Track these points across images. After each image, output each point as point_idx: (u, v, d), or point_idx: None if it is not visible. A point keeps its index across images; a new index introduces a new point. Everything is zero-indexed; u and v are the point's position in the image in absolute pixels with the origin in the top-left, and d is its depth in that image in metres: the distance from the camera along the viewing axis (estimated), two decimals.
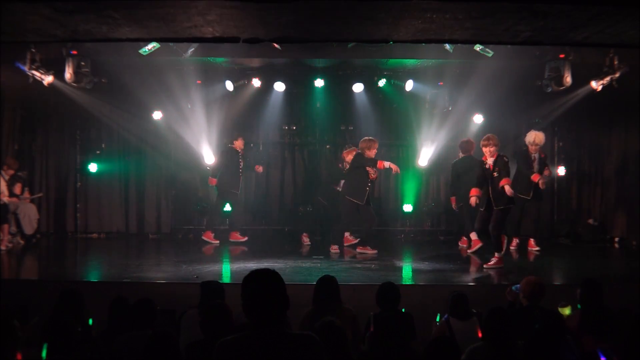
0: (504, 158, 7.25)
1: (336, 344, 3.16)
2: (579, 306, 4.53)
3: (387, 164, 8.24)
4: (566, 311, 4.58)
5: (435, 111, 10.43)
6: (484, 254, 7.85)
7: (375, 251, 8.36)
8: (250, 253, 8.79)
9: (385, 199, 11.02)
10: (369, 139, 8.45)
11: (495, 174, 7.14)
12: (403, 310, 4.68)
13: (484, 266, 7.34)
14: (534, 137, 8.21)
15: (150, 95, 9.65)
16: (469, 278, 7.07)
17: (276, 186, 11.03)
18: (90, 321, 4.38)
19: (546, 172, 8.34)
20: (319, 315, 3.92)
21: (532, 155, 8.24)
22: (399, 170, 8.49)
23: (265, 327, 2.36)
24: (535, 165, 8.19)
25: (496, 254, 7.28)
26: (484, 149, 7.27)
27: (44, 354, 3.57)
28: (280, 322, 2.39)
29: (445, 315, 4.51)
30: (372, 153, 8.33)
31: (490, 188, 7.20)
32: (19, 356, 3.71)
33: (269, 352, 2.31)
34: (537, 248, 8.67)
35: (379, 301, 4.36)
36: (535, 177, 7.96)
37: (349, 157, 8.69)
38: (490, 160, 7.22)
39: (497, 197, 7.13)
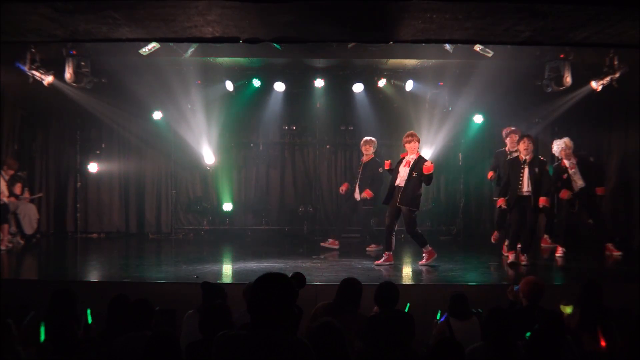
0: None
1: (333, 344, 3.16)
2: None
3: None
4: (567, 310, 4.58)
5: (435, 111, 10.42)
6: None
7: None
8: (250, 253, 8.78)
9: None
10: None
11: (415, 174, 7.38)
12: (407, 309, 4.68)
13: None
14: None
15: (150, 95, 9.66)
16: (469, 278, 7.07)
17: (276, 186, 11.03)
18: (90, 320, 4.38)
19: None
20: (332, 312, 3.94)
21: None
22: None
23: (261, 328, 2.42)
24: None
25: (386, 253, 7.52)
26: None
27: (42, 336, 3.58)
28: (277, 326, 2.43)
29: (445, 314, 4.50)
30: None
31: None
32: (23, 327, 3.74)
33: (259, 353, 2.38)
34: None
35: (378, 301, 4.36)
36: None
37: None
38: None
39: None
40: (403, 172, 7.49)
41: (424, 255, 7.54)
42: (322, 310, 4.22)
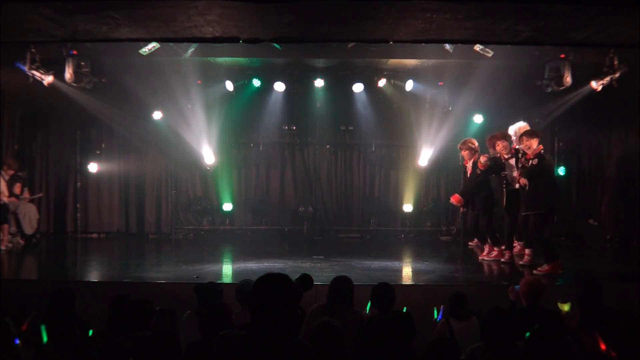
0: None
1: (332, 344, 3.16)
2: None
3: None
4: (565, 307, 4.58)
5: (435, 111, 10.43)
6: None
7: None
8: (250, 253, 8.78)
9: (385, 199, 11.03)
10: None
11: None
12: (404, 309, 4.67)
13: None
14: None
15: (151, 95, 9.66)
16: (469, 278, 7.07)
17: (276, 186, 11.04)
18: (90, 333, 4.37)
19: None
20: (327, 313, 3.94)
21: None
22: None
23: (262, 329, 2.43)
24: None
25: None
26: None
27: (44, 338, 3.59)
28: (277, 326, 2.43)
29: (441, 312, 4.51)
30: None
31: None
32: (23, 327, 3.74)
33: (259, 353, 2.39)
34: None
35: (374, 302, 4.35)
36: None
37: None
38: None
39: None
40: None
41: (492, 252, 7.73)
42: (317, 312, 4.22)
